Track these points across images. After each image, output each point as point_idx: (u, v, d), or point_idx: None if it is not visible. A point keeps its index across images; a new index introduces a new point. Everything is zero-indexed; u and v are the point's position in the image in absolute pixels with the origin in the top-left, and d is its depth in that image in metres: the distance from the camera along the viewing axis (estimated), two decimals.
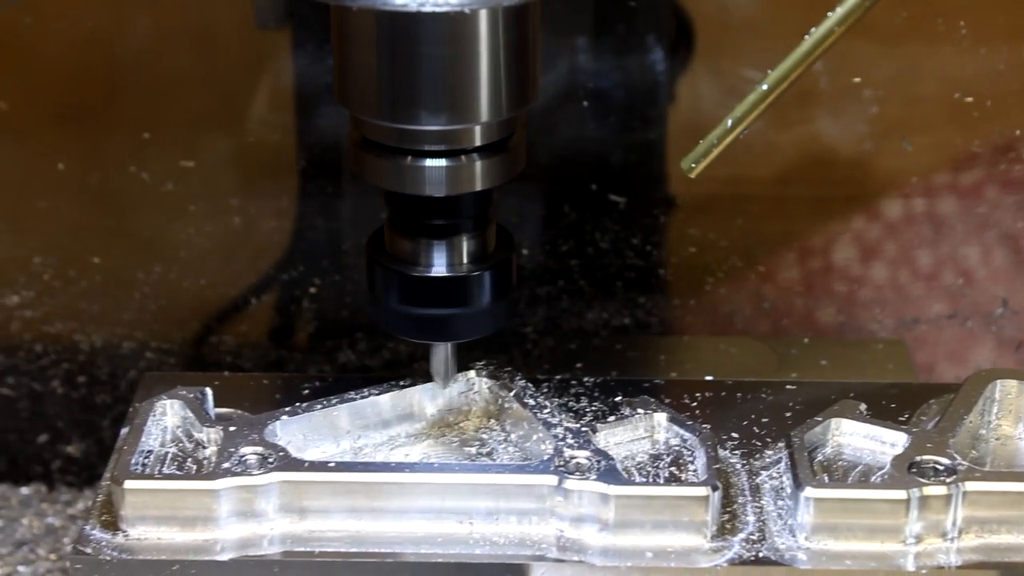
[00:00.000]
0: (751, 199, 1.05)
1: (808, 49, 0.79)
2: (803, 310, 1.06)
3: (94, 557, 0.80)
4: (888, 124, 1.02)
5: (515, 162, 0.83)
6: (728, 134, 0.81)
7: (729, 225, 1.04)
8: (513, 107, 0.81)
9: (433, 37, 0.78)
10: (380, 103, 0.80)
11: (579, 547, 0.80)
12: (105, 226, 1.05)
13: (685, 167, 0.82)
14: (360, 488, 0.81)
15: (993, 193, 1.03)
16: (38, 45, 1.02)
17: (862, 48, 1.00)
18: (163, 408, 0.86)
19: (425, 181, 0.81)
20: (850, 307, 1.06)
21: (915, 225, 1.04)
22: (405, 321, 0.85)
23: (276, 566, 0.80)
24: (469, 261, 0.84)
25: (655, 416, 0.86)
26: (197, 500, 0.81)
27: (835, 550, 0.80)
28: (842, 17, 0.78)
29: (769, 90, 0.80)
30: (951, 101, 1.01)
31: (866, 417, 0.85)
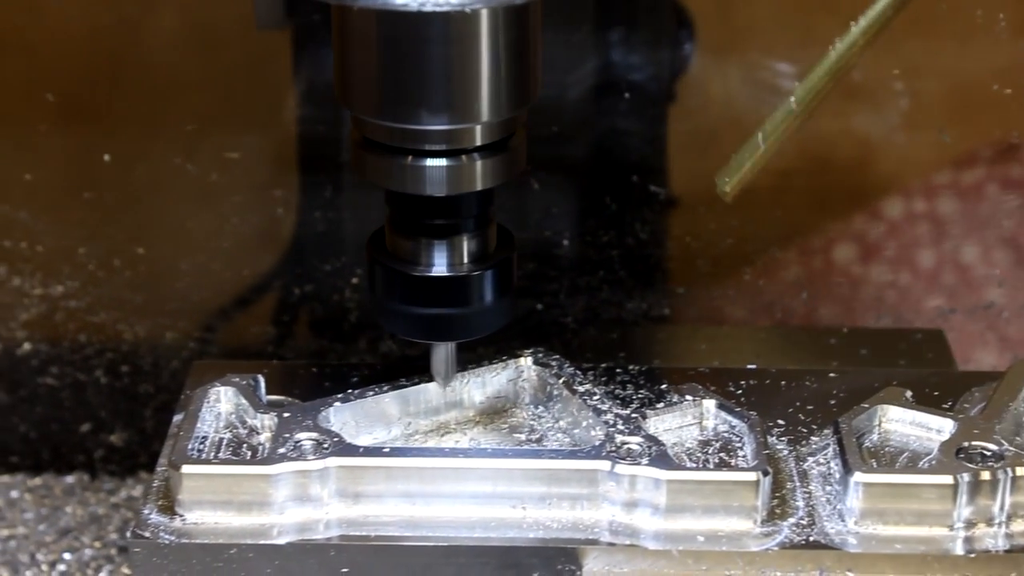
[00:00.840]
0: (790, 191, 1.06)
1: (833, 62, 0.80)
2: (841, 300, 1.07)
3: (153, 541, 0.81)
4: (925, 115, 1.03)
5: (515, 162, 0.83)
6: (758, 150, 0.82)
7: (769, 216, 1.05)
8: (514, 107, 0.81)
9: (434, 37, 0.78)
10: (381, 103, 0.80)
11: (631, 531, 0.81)
12: (149, 217, 1.06)
13: (719, 186, 0.83)
14: (414, 473, 0.82)
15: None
16: (81, 38, 1.03)
17: (901, 40, 1.01)
18: (216, 395, 0.87)
19: (426, 181, 0.81)
20: (888, 297, 1.06)
21: (949, 216, 1.05)
22: (406, 321, 0.85)
23: (332, 550, 0.81)
24: (470, 261, 0.84)
25: (704, 403, 0.87)
26: (254, 485, 0.82)
27: (884, 534, 0.81)
28: (865, 28, 0.79)
29: (797, 103, 0.81)
30: (990, 92, 1.02)
31: (912, 404, 0.86)
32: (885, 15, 0.78)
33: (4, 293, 1.07)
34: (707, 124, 1.04)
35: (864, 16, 0.78)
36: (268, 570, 0.81)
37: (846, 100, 1.03)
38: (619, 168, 1.05)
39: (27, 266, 1.07)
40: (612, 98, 1.04)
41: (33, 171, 1.05)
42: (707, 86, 1.04)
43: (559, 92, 1.03)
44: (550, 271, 1.06)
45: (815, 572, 0.80)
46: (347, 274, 1.07)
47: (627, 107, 1.04)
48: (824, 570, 0.80)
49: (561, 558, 0.81)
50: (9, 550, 1.05)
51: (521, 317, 1.07)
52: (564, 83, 1.04)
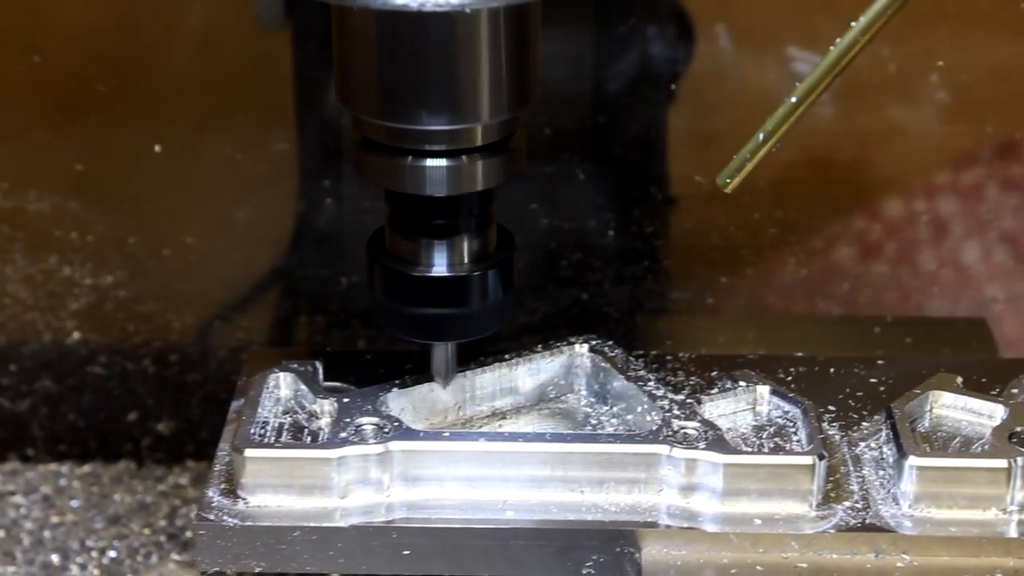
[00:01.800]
0: (831, 182, 1.07)
1: (834, 60, 0.80)
2: (885, 289, 1.08)
3: (217, 523, 0.82)
4: (968, 105, 1.04)
5: (516, 162, 0.83)
6: (760, 148, 0.82)
7: (811, 206, 1.06)
8: (514, 107, 0.81)
9: (434, 36, 0.78)
10: (381, 103, 0.80)
11: (689, 515, 0.82)
12: (198, 207, 1.07)
13: (720, 183, 0.83)
14: (474, 457, 0.83)
15: None
16: (132, 29, 1.04)
17: (942, 32, 1.02)
18: (276, 380, 0.88)
19: (426, 181, 0.82)
20: (929, 286, 1.08)
21: (991, 205, 1.06)
22: (406, 321, 0.85)
23: (394, 532, 0.82)
24: (470, 261, 0.85)
25: (758, 388, 0.88)
26: (316, 468, 0.83)
27: (938, 518, 0.82)
28: (866, 26, 0.79)
29: (799, 102, 0.81)
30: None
31: (963, 389, 0.87)
32: (885, 13, 0.79)
33: (54, 283, 1.08)
34: (743, 114, 1.05)
35: (864, 14, 0.79)
36: (330, 552, 0.82)
37: (874, 92, 1.04)
38: (662, 159, 1.06)
39: (77, 256, 1.08)
40: (655, 91, 1.05)
41: (84, 161, 1.06)
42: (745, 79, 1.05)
43: (599, 85, 1.05)
44: (595, 261, 1.08)
45: (870, 554, 0.81)
46: None
47: (669, 99, 1.05)
48: (879, 552, 0.81)
49: (620, 541, 0.82)
50: (59, 537, 1.06)
51: (566, 306, 1.08)
52: (604, 76, 1.05)
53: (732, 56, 1.05)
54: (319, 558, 0.82)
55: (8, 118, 1.06)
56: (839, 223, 1.08)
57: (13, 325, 1.09)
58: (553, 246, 1.07)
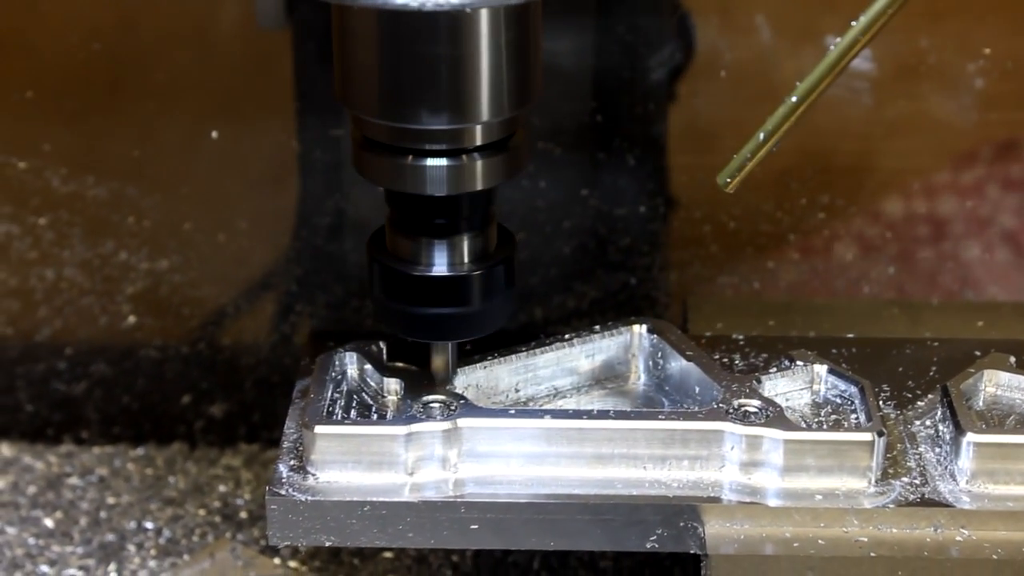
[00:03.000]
0: (872, 170, 1.09)
1: (834, 59, 0.81)
2: (928, 274, 1.09)
3: (289, 498, 0.84)
4: (997, 95, 1.06)
5: (516, 161, 0.84)
6: (761, 147, 0.83)
7: (857, 191, 1.08)
8: (514, 106, 0.81)
9: (434, 36, 0.79)
10: (381, 102, 0.80)
11: (750, 490, 0.84)
12: (252, 192, 1.09)
13: (721, 183, 0.84)
14: (540, 434, 0.85)
15: None
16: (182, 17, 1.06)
17: (979, 24, 1.04)
18: (342, 359, 0.90)
19: (426, 180, 0.82)
20: (972, 271, 1.09)
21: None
22: (406, 320, 0.86)
23: (462, 507, 0.84)
24: (470, 260, 0.85)
25: (815, 367, 0.89)
26: (384, 445, 0.84)
27: (995, 493, 0.84)
28: (866, 26, 0.80)
29: (799, 102, 0.82)
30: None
31: (1017, 369, 0.89)
32: (885, 13, 0.79)
33: (111, 267, 1.10)
34: None
35: (864, 13, 0.80)
36: (399, 527, 0.84)
37: (912, 80, 1.06)
38: (706, 145, 1.08)
39: (133, 241, 1.09)
40: (701, 79, 1.06)
41: (140, 147, 1.08)
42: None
43: (643, 74, 1.06)
44: (643, 246, 1.09)
45: (929, 529, 0.83)
46: None
47: (718, 87, 1.07)
48: (938, 527, 0.83)
49: (684, 516, 0.83)
50: (115, 518, 1.08)
51: (615, 291, 1.10)
52: (647, 66, 1.06)
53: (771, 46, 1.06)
54: (388, 533, 0.84)
55: (67, 104, 1.07)
56: (886, 209, 1.09)
57: (70, 309, 1.11)
58: (603, 231, 1.09)
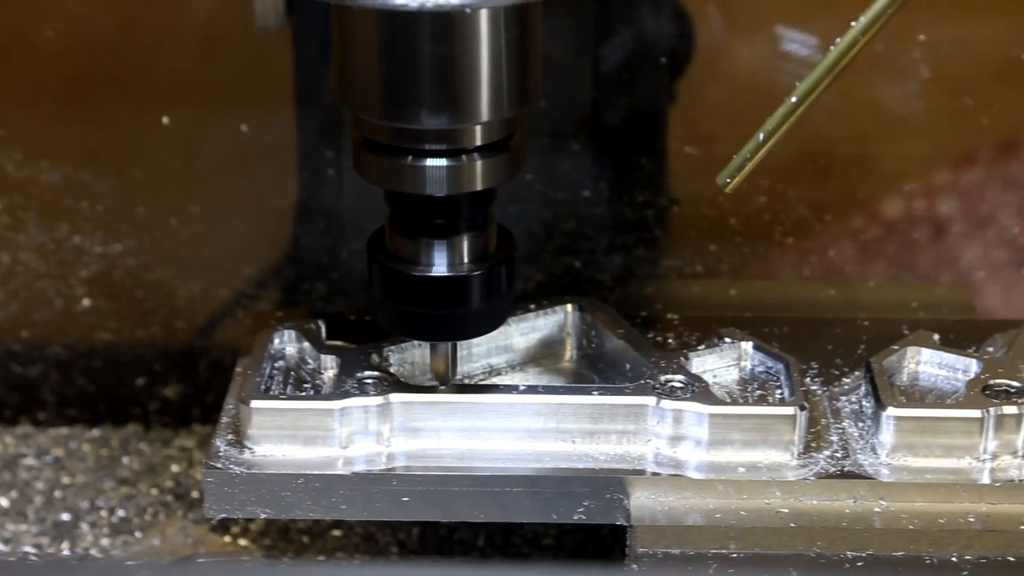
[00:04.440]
0: (820, 154, 1.10)
1: (834, 60, 0.82)
2: (869, 257, 1.11)
3: (224, 471, 0.86)
4: (950, 82, 1.08)
5: (516, 161, 0.84)
6: (760, 148, 0.84)
7: (798, 176, 1.10)
8: (514, 106, 0.82)
9: (434, 36, 0.79)
10: (381, 103, 0.81)
11: (675, 463, 0.86)
12: (205, 177, 1.11)
13: (720, 183, 0.85)
14: (471, 408, 0.87)
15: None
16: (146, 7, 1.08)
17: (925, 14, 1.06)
18: (281, 337, 0.92)
19: (426, 180, 0.82)
20: (914, 254, 1.11)
21: (974, 177, 1.10)
22: (406, 320, 0.87)
23: (394, 480, 0.86)
24: (470, 260, 0.86)
25: (742, 344, 0.91)
26: (319, 419, 0.86)
27: (914, 466, 0.86)
28: (866, 26, 0.81)
29: (798, 102, 0.83)
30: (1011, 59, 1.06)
31: (939, 346, 0.91)
32: (885, 13, 0.81)
33: (65, 251, 1.12)
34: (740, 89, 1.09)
35: (864, 13, 0.81)
36: (332, 499, 0.86)
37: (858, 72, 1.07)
38: (653, 130, 1.10)
39: (87, 224, 1.11)
40: (646, 66, 1.08)
41: (95, 133, 1.09)
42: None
43: (594, 62, 1.08)
44: (588, 230, 1.11)
45: (849, 500, 0.85)
46: None
47: (661, 74, 1.08)
48: (858, 498, 0.85)
49: (610, 488, 0.85)
50: (69, 497, 1.10)
51: (560, 274, 1.12)
52: (599, 55, 1.08)
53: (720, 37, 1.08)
54: (322, 505, 0.86)
55: (21, 91, 1.09)
56: (828, 194, 1.11)
57: (25, 292, 1.13)
58: (548, 215, 1.11)
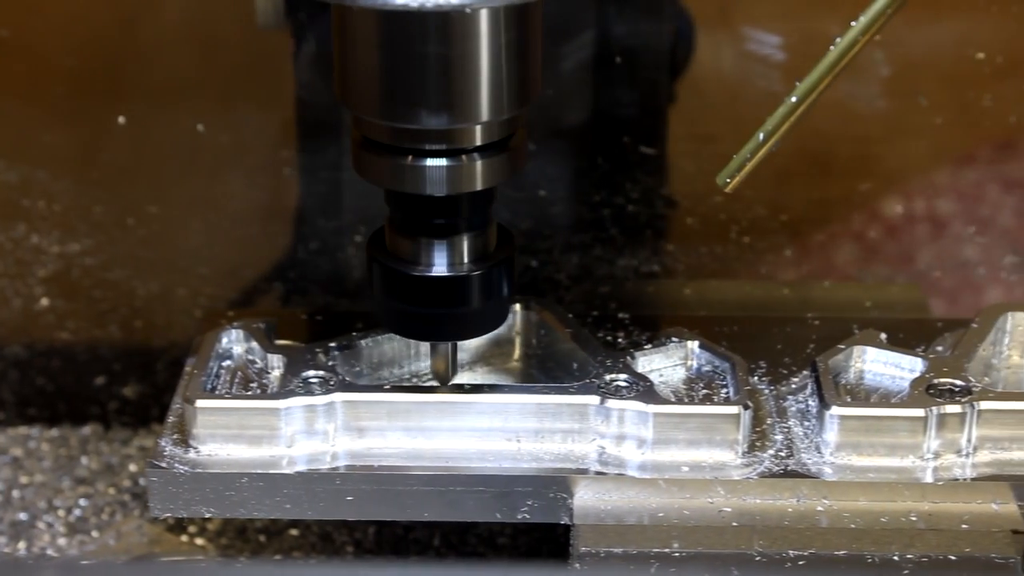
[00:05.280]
0: (775, 155, 1.10)
1: (833, 60, 0.82)
2: (825, 257, 1.11)
3: (168, 470, 0.86)
4: (903, 81, 1.08)
5: (516, 161, 0.84)
6: (760, 147, 0.84)
7: (753, 176, 1.10)
8: (514, 106, 0.82)
9: (434, 36, 0.79)
10: (381, 102, 0.81)
11: (619, 462, 0.86)
12: (162, 177, 1.11)
13: (720, 182, 0.85)
14: (415, 408, 0.87)
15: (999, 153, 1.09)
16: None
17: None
18: (229, 336, 0.92)
19: (426, 180, 0.82)
20: (869, 254, 1.11)
21: (926, 179, 1.10)
22: (406, 320, 0.87)
23: (338, 479, 0.86)
24: (470, 260, 0.86)
25: (688, 344, 0.91)
26: (264, 418, 0.86)
27: (858, 465, 0.86)
28: (865, 26, 0.81)
29: (798, 102, 0.83)
30: (965, 58, 1.07)
31: (886, 345, 0.91)
32: (885, 13, 0.81)
33: (23, 251, 1.12)
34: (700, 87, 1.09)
35: (864, 13, 0.81)
36: (277, 498, 0.86)
37: None
38: (611, 130, 1.10)
39: (45, 224, 1.11)
40: (605, 65, 1.08)
41: (51, 132, 1.10)
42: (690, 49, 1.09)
43: (554, 61, 1.08)
44: (544, 229, 1.11)
45: (792, 499, 0.85)
46: (350, 232, 1.12)
47: (620, 73, 1.08)
48: (801, 497, 0.85)
49: (553, 487, 0.85)
50: (28, 496, 1.10)
51: (517, 273, 1.12)
52: (559, 53, 1.08)
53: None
54: (266, 504, 0.86)
55: None
56: (785, 194, 1.11)
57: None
58: (504, 214, 1.11)
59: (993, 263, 1.11)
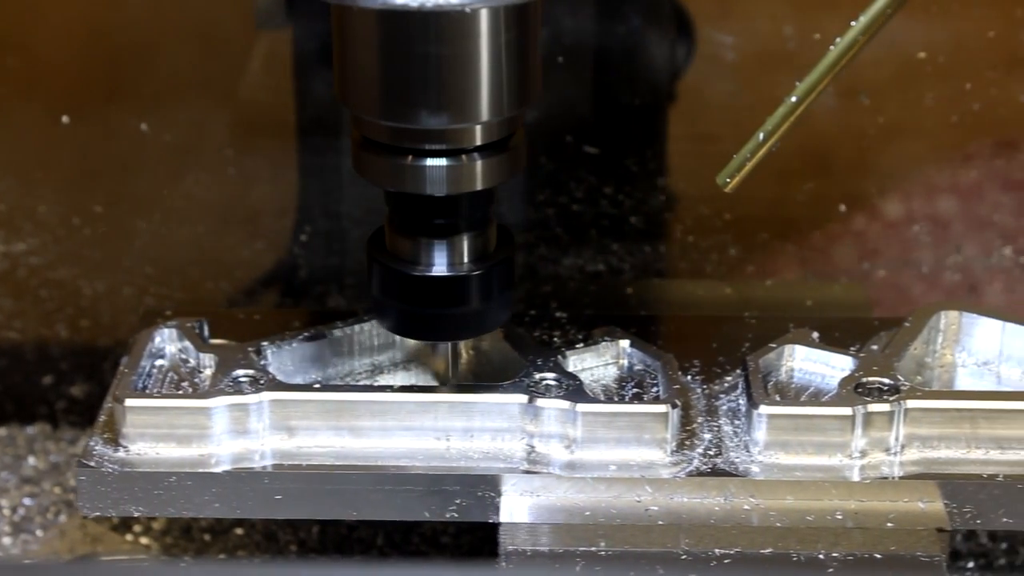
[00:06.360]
0: (715, 156, 1.10)
1: (833, 60, 0.82)
2: (769, 256, 1.12)
3: (97, 469, 0.86)
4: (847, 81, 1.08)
5: (516, 161, 0.84)
6: (760, 147, 0.84)
7: (697, 175, 1.10)
8: (514, 106, 0.82)
9: (434, 36, 0.79)
10: (381, 102, 0.81)
11: (547, 461, 0.86)
12: (107, 177, 1.11)
13: (720, 182, 0.85)
14: (344, 407, 0.87)
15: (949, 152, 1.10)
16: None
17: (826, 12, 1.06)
18: (162, 335, 0.92)
19: (426, 180, 0.82)
20: (814, 253, 1.11)
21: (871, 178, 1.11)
22: (406, 320, 0.87)
23: (266, 478, 0.86)
24: (470, 260, 0.86)
25: (620, 343, 0.92)
26: (193, 417, 0.86)
27: (786, 463, 0.86)
28: (865, 26, 0.81)
29: (798, 102, 0.83)
30: (908, 57, 1.07)
31: (817, 343, 0.91)
32: (884, 13, 0.81)
33: None
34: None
35: (864, 13, 0.81)
36: (205, 497, 0.86)
37: (777, 70, 1.08)
38: (555, 129, 1.10)
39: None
40: (550, 65, 1.08)
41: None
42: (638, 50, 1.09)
43: None
44: None
45: (720, 498, 0.85)
46: (296, 231, 1.12)
47: (562, 71, 1.09)
48: (728, 496, 0.85)
49: (481, 485, 0.86)
50: None
51: None
52: None
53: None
54: (195, 503, 0.86)
55: None
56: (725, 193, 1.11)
57: None
58: None
59: (937, 261, 1.11)
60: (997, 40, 1.06)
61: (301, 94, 1.09)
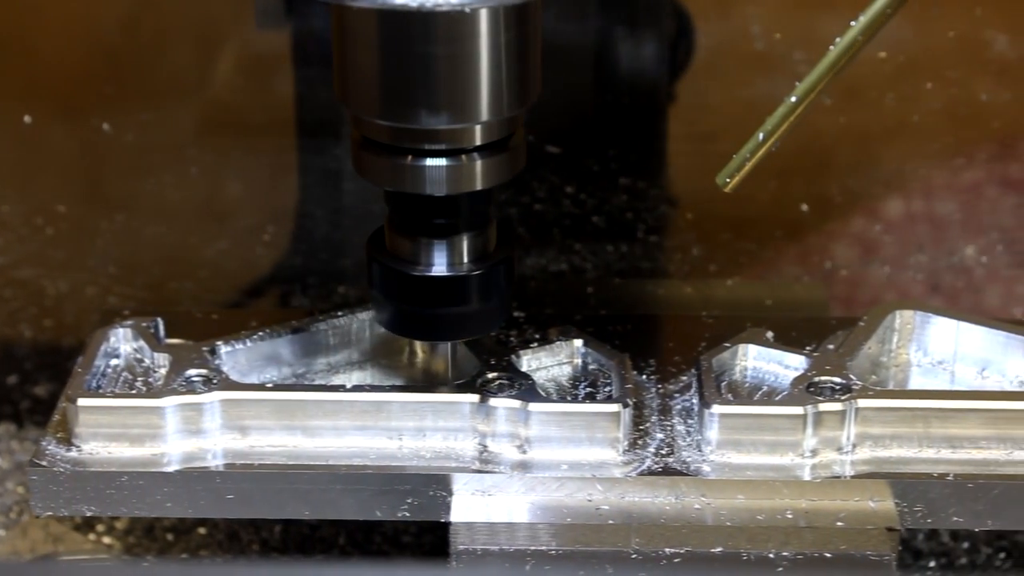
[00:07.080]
0: (680, 154, 1.11)
1: (833, 60, 0.82)
2: (731, 255, 1.12)
3: (49, 469, 0.86)
4: None
5: (515, 161, 0.85)
6: (760, 147, 0.84)
7: (658, 173, 1.10)
8: (513, 106, 0.82)
9: (433, 36, 0.79)
10: (381, 102, 0.81)
11: (499, 460, 0.86)
12: (69, 176, 1.11)
13: (720, 182, 0.85)
14: (297, 406, 0.87)
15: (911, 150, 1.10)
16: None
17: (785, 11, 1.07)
18: (116, 335, 0.92)
19: (426, 180, 0.82)
20: (775, 253, 1.11)
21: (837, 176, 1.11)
22: (406, 320, 0.87)
23: (218, 477, 0.86)
24: (469, 260, 0.86)
25: (574, 342, 0.92)
26: (145, 417, 0.87)
27: (738, 463, 0.86)
28: (865, 26, 0.81)
29: (798, 102, 0.83)
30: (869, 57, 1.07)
31: (771, 343, 0.91)
32: (884, 13, 0.81)
33: None
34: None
35: (864, 13, 0.81)
36: (157, 497, 0.86)
37: (749, 69, 1.08)
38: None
39: None
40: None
41: None
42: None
43: None
44: None
45: (671, 497, 0.85)
46: (258, 231, 1.12)
47: None
48: (679, 495, 0.85)
49: (433, 484, 0.86)
50: None
51: None
52: None
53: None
54: (147, 502, 0.86)
55: None
56: (688, 191, 1.11)
57: None
58: None
59: (898, 262, 1.11)
60: (957, 39, 1.07)
61: (268, 94, 1.09)
